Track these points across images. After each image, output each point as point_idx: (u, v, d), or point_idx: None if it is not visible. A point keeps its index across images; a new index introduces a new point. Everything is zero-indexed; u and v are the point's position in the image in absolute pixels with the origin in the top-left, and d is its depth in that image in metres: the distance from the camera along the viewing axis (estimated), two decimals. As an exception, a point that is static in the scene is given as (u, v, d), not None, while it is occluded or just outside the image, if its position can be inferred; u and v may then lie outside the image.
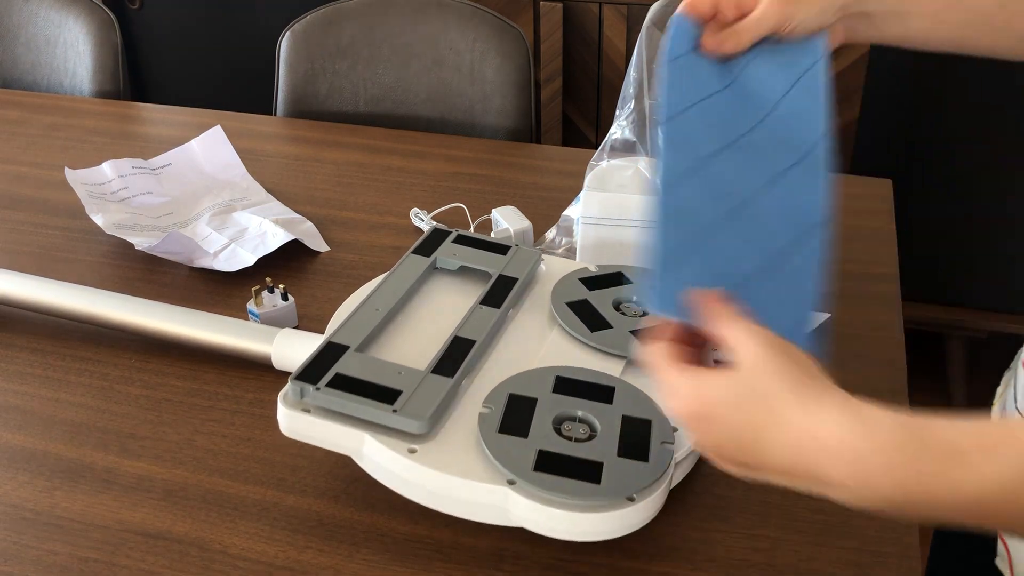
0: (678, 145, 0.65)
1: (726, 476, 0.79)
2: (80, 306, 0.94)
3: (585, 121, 2.21)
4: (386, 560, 0.72)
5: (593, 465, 0.70)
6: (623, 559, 0.72)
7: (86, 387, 0.90)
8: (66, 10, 1.61)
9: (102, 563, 0.73)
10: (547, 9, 2.07)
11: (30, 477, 0.81)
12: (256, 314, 0.95)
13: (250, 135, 1.36)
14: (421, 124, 1.52)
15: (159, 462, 0.82)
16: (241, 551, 0.73)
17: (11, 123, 1.44)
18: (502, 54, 1.47)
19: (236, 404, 0.88)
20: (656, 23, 1.16)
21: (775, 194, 0.64)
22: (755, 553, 0.73)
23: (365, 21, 1.52)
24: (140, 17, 2.54)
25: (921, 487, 0.49)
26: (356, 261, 1.08)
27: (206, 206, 1.17)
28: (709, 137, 0.66)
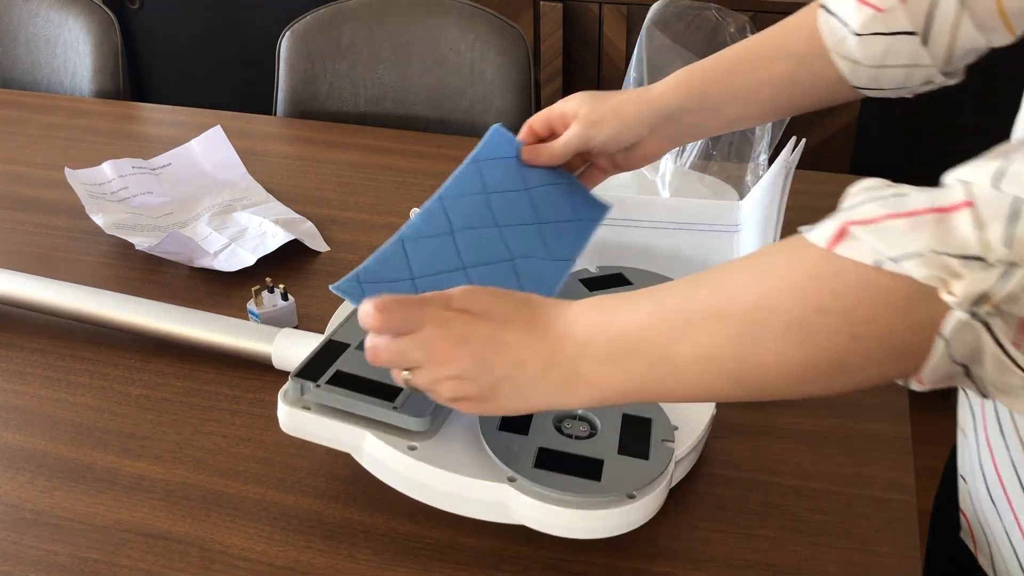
0: (433, 217, 0.80)
1: (726, 477, 0.79)
2: (80, 306, 0.94)
3: (585, 121, 2.21)
4: (386, 560, 0.72)
5: (594, 462, 0.70)
6: (623, 559, 0.72)
7: (86, 387, 0.91)
8: (66, 10, 1.61)
9: (102, 563, 0.73)
10: (547, 9, 2.07)
11: (30, 477, 0.81)
12: (256, 314, 0.95)
13: (250, 135, 1.36)
14: (421, 124, 1.52)
15: (159, 462, 0.82)
16: (241, 551, 0.73)
17: (11, 123, 1.44)
18: (502, 54, 1.47)
19: (236, 404, 0.88)
20: (656, 23, 1.16)
21: (502, 267, 0.77)
22: (755, 553, 0.73)
23: (365, 21, 1.53)
24: (140, 17, 2.54)
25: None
26: (356, 261, 1.07)
27: (206, 206, 1.17)
28: (468, 217, 0.80)
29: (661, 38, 1.16)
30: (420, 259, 0.76)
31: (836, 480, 0.79)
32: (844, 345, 0.50)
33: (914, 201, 0.47)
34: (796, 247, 0.51)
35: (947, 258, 0.45)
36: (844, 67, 0.77)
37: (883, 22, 0.74)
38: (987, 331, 0.46)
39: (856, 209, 0.49)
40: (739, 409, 0.85)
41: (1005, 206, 0.44)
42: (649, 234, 1.02)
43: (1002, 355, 0.46)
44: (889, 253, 0.47)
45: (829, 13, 0.77)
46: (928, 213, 0.46)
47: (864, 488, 0.78)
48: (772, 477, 0.79)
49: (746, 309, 0.52)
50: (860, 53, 0.76)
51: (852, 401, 0.86)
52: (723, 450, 0.82)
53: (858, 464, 0.80)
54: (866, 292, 0.48)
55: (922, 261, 0.46)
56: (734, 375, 0.54)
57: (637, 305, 0.57)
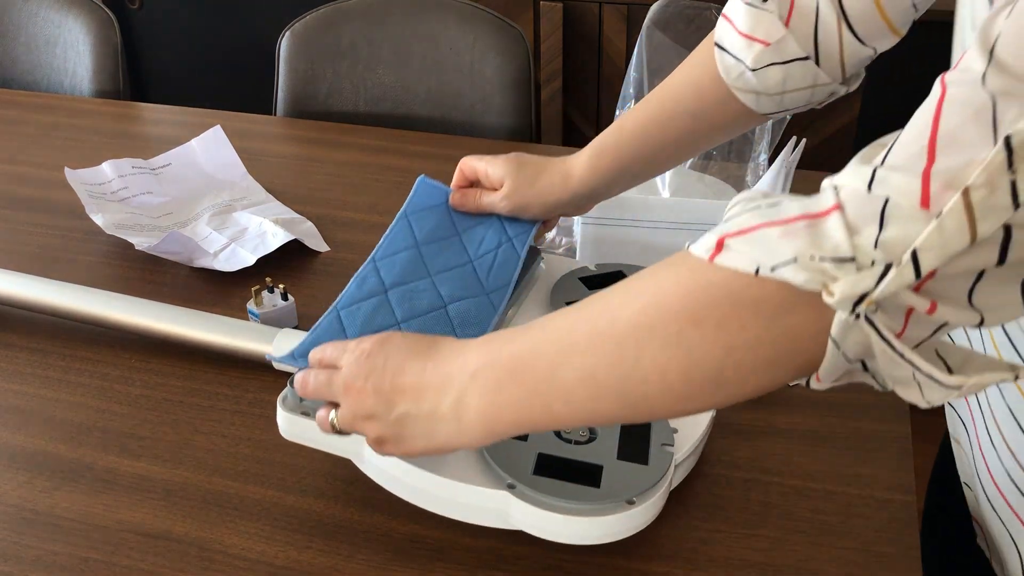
0: (366, 280, 0.84)
1: (726, 477, 0.79)
2: (80, 306, 0.93)
3: (585, 121, 2.21)
4: (386, 560, 0.72)
5: (593, 468, 0.70)
6: (623, 559, 0.72)
7: (86, 387, 0.90)
8: (66, 10, 1.61)
9: (102, 563, 0.73)
10: (547, 9, 2.07)
11: (30, 477, 0.81)
12: (256, 314, 0.95)
13: (250, 135, 1.36)
14: (421, 124, 1.52)
15: (159, 462, 0.82)
16: (241, 551, 0.73)
17: (11, 123, 1.43)
18: (502, 54, 1.47)
19: (236, 404, 0.88)
20: (656, 23, 1.16)
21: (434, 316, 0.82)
22: (755, 553, 0.73)
23: (365, 21, 1.52)
24: (140, 17, 2.54)
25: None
26: (356, 261, 1.08)
27: (206, 206, 1.17)
28: (400, 273, 0.85)
29: (661, 38, 1.16)
30: (354, 324, 0.79)
31: (836, 480, 0.79)
32: (719, 357, 0.50)
33: (787, 209, 0.48)
34: (678, 262, 0.52)
35: (821, 262, 0.46)
36: (748, 100, 0.79)
37: (774, 53, 0.76)
38: (872, 328, 0.46)
39: (732, 221, 0.50)
40: (739, 409, 0.85)
41: (876, 209, 0.44)
42: (649, 234, 1.02)
43: (889, 350, 0.47)
44: (766, 261, 0.47)
45: (723, 51, 0.79)
46: (800, 220, 0.47)
47: (864, 488, 0.78)
48: (772, 477, 0.79)
49: (627, 327, 0.52)
50: (760, 85, 0.78)
51: (852, 401, 0.86)
52: (723, 450, 0.82)
53: (858, 464, 0.80)
54: (738, 301, 0.49)
55: (797, 266, 0.46)
56: (619, 394, 0.54)
57: (526, 335, 0.58)
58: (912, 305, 0.45)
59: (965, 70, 0.42)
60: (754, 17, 0.76)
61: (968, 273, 0.44)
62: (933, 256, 0.43)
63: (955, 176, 0.41)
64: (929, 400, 0.49)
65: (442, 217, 0.91)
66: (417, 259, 0.87)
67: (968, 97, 0.42)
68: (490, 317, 0.82)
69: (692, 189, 1.11)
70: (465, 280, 0.85)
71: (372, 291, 0.83)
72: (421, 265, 0.86)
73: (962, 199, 0.41)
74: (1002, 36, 0.41)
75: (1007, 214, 0.41)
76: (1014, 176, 0.40)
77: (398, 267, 0.85)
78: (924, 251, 0.43)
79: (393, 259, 0.86)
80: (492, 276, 0.86)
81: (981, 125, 0.41)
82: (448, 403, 0.59)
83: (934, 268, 0.43)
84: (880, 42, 0.75)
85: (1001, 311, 0.45)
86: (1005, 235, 0.42)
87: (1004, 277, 0.44)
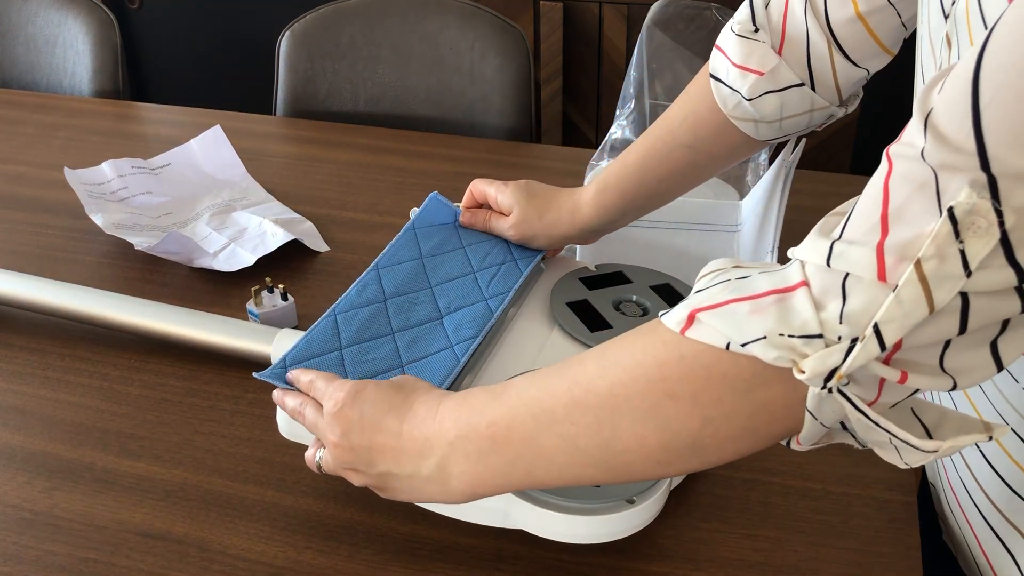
0: (367, 287, 0.84)
1: (726, 477, 0.79)
2: (80, 306, 0.93)
3: (585, 121, 2.21)
4: (386, 560, 0.72)
5: None
6: (623, 559, 0.72)
7: (86, 387, 0.90)
8: (66, 10, 1.61)
9: (102, 563, 0.73)
10: (547, 9, 2.07)
11: (30, 477, 0.81)
12: (256, 314, 0.95)
13: (250, 135, 1.36)
14: (421, 124, 1.52)
15: (159, 462, 0.82)
16: (241, 551, 0.73)
17: (10, 123, 1.43)
18: (502, 54, 1.47)
19: (236, 404, 0.88)
20: (656, 23, 1.16)
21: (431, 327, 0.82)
22: (755, 553, 0.73)
23: (365, 21, 1.52)
24: (140, 17, 2.54)
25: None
26: (356, 261, 1.08)
27: (206, 206, 1.17)
28: (401, 284, 0.85)
29: (661, 38, 1.16)
30: (350, 329, 0.79)
31: (836, 480, 0.79)
32: (695, 428, 0.51)
33: (756, 284, 0.49)
34: (650, 332, 0.53)
35: (791, 339, 0.47)
36: (747, 128, 0.80)
37: (769, 82, 0.77)
38: (845, 399, 0.47)
39: (703, 293, 0.51)
40: (739, 409, 0.85)
41: (837, 283, 0.45)
42: (649, 234, 1.02)
43: (863, 418, 0.48)
44: (736, 337, 0.48)
45: (719, 82, 0.80)
46: (769, 295, 0.48)
47: (864, 488, 0.78)
48: (772, 477, 0.79)
49: (603, 397, 0.54)
50: (758, 113, 0.79)
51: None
52: (723, 450, 0.81)
53: (858, 464, 0.80)
54: (711, 375, 0.50)
55: (767, 343, 0.47)
56: (599, 461, 0.55)
57: (502, 401, 0.59)
58: (883, 376, 0.46)
59: (908, 144, 0.44)
60: (746, 47, 0.77)
61: (936, 343, 0.44)
62: (895, 328, 0.43)
63: (907, 249, 0.42)
64: (908, 462, 0.50)
65: (449, 233, 0.93)
66: (419, 271, 0.87)
67: (912, 171, 0.43)
68: (486, 319, 0.82)
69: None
70: (465, 289, 0.86)
71: (371, 299, 0.83)
72: (423, 277, 0.87)
73: (915, 271, 0.42)
74: (936, 109, 0.41)
75: (960, 282, 0.41)
76: (962, 245, 0.41)
77: (400, 277, 0.86)
78: (885, 323, 0.44)
79: (396, 269, 0.87)
80: (492, 285, 0.86)
81: (926, 198, 0.42)
82: (430, 467, 0.60)
83: (898, 339, 0.44)
84: (872, 63, 0.76)
85: (972, 374, 0.46)
86: (963, 303, 0.42)
87: (971, 343, 0.45)
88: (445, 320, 0.82)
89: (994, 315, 0.43)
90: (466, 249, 0.91)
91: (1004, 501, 0.66)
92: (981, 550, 0.70)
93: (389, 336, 0.79)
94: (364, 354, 0.77)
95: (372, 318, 0.81)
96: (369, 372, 0.75)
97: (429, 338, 0.80)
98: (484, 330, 0.81)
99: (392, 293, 0.84)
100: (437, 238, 0.92)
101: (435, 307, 0.83)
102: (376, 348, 0.78)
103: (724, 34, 0.80)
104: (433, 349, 0.78)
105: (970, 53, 0.40)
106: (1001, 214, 0.40)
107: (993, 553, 0.69)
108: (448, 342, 0.79)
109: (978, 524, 0.70)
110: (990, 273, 0.41)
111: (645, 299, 0.88)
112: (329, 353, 0.76)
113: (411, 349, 0.78)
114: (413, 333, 0.80)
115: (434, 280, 0.87)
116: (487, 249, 0.91)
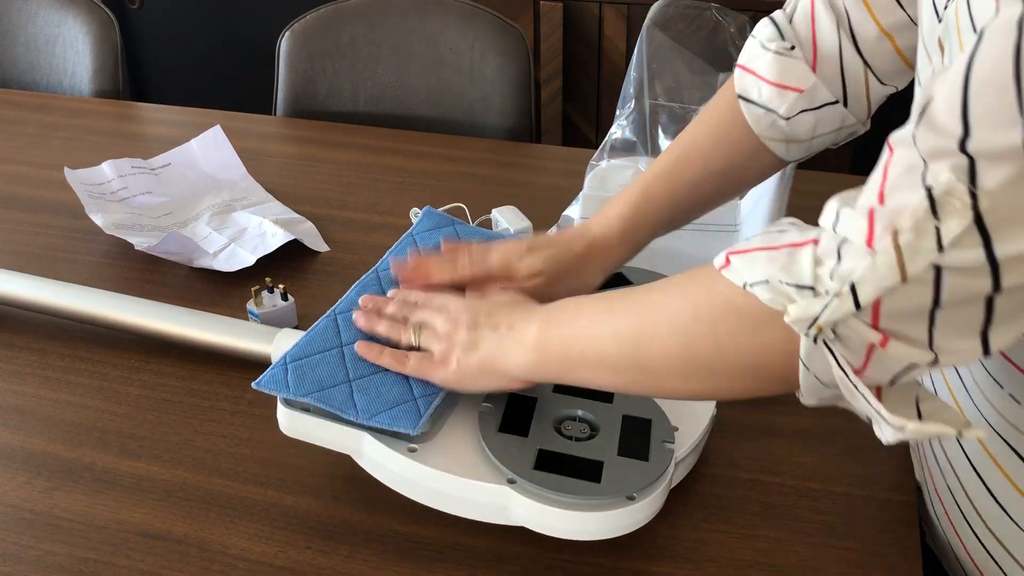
0: (367, 289, 0.84)
1: (727, 477, 0.79)
2: (80, 306, 0.93)
3: (585, 121, 2.21)
4: (386, 560, 0.72)
5: (593, 464, 0.70)
6: (623, 559, 0.72)
7: (86, 387, 0.90)
8: (66, 10, 1.61)
9: (102, 563, 0.73)
10: (547, 9, 2.07)
11: (30, 477, 0.81)
12: (256, 314, 0.95)
13: (250, 135, 1.36)
14: (421, 124, 1.51)
15: (159, 462, 0.82)
16: (241, 551, 0.73)
17: (10, 123, 1.43)
18: (502, 54, 1.47)
19: (235, 404, 0.88)
20: (656, 23, 1.16)
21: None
22: (755, 553, 0.73)
23: (365, 21, 1.52)
24: (140, 17, 2.54)
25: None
26: (356, 261, 1.08)
27: (206, 206, 1.17)
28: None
29: (661, 38, 1.15)
30: (350, 328, 0.79)
31: (837, 480, 0.79)
32: (712, 351, 0.59)
33: (783, 237, 0.55)
34: (703, 269, 0.60)
35: (785, 286, 0.53)
36: (778, 148, 0.80)
37: (807, 100, 0.76)
38: (831, 355, 0.52)
39: (744, 241, 0.58)
40: (740, 409, 0.85)
41: (835, 245, 0.51)
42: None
43: (846, 380, 0.52)
44: (748, 279, 0.55)
45: (751, 103, 0.78)
46: (784, 248, 0.54)
47: (865, 488, 0.78)
48: (773, 477, 0.79)
49: (653, 309, 0.63)
50: (792, 133, 0.78)
51: (852, 401, 0.86)
52: (723, 450, 0.81)
53: (859, 464, 0.80)
54: (727, 308, 0.57)
55: (767, 287, 0.54)
56: (635, 360, 0.63)
57: (588, 298, 0.69)
58: (867, 339, 0.50)
59: (906, 132, 0.48)
60: (783, 65, 0.76)
61: (917, 312, 0.48)
62: (869, 289, 0.48)
63: (891, 221, 0.47)
64: (883, 438, 0.53)
65: (449, 235, 0.93)
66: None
67: (906, 156, 0.48)
68: None
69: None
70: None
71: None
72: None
73: (892, 240, 0.47)
74: (933, 101, 0.46)
75: (932, 255, 0.46)
76: (938, 223, 0.45)
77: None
78: (860, 284, 0.49)
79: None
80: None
81: (914, 179, 0.47)
82: (519, 328, 0.70)
83: (874, 300, 0.48)
84: (899, 80, 0.76)
85: (956, 355, 0.50)
86: (936, 275, 0.47)
87: (960, 328, 0.48)
88: None
89: (968, 292, 0.47)
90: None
91: (987, 507, 0.66)
92: (967, 554, 0.70)
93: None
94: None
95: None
96: (370, 369, 0.75)
97: None
98: None
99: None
100: (437, 239, 0.92)
101: None
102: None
103: (752, 52, 0.78)
104: None
105: (964, 53, 0.45)
106: (976, 197, 0.44)
107: (976, 553, 0.69)
108: None
109: (963, 529, 0.70)
110: (963, 251, 0.45)
111: (645, 299, 0.88)
112: (330, 350, 0.76)
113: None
114: None
115: None
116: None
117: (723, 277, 0.57)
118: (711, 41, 1.15)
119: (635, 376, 0.64)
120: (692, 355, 0.60)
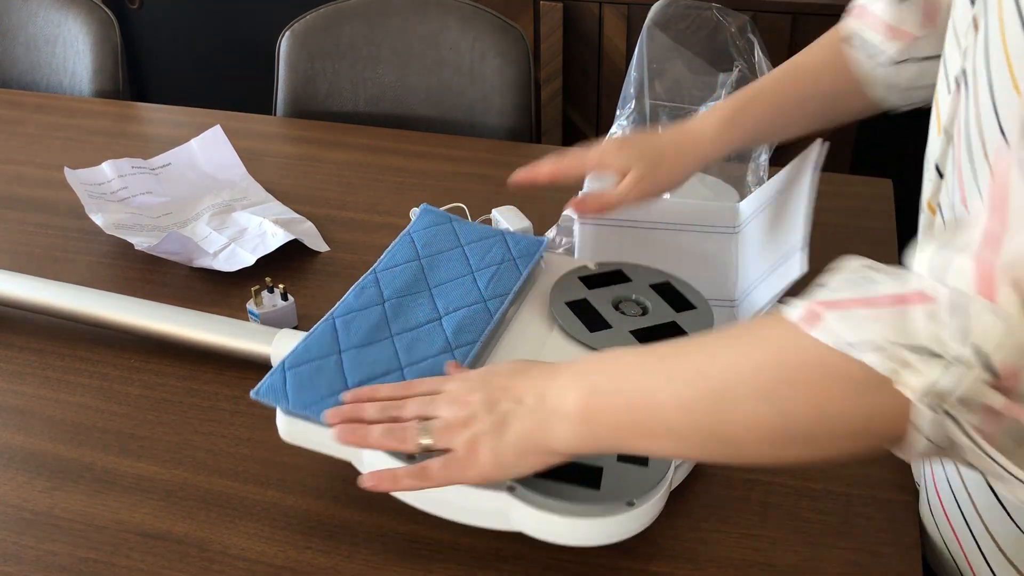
0: (365, 291, 0.84)
1: (726, 477, 0.79)
2: (80, 306, 0.93)
3: (585, 121, 2.21)
4: (386, 560, 0.72)
5: (592, 470, 0.70)
6: (623, 559, 0.72)
7: (86, 387, 0.90)
8: (66, 10, 1.61)
9: (102, 563, 0.73)
10: (547, 9, 2.07)
11: (30, 477, 0.81)
12: (256, 314, 0.95)
13: (250, 135, 1.36)
14: (421, 124, 1.52)
15: (159, 462, 0.82)
16: (241, 551, 0.73)
17: (10, 123, 1.43)
18: (502, 54, 1.47)
19: (235, 404, 0.88)
20: (657, 23, 1.16)
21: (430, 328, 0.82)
22: (755, 553, 0.73)
23: (365, 21, 1.52)
24: (140, 17, 2.54)
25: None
26: (356, 261, 1.08)
27: (206, 206, 1.17)
28: (399, 286, 0.86)
29: (662, 38, 1.15)
30: (348, 333, 0.79)
31: (837, 480, 0.79)
32: (811, 417, 0.52)
33: (879, 287, 0.50)
34: (775, 322, 0.54)
35: (900, 349, 0.47)
36: (878, 93, 0.81)
37: (915, 48, 0.78)
38: (954, 424, 0.47)
39: (827, 289, 0.53)
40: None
41: (950, 300, 0.46)
42: (649, 235, 1.02)
43: (973, 446, 0.48)
44: (849, 339, 0.49)
45: (860, 44, 0.80)
46: (887, 302, 0.49)
47: (865, 488, 0.78)
48: (772, 477, 0.79)
49: (726, 371, 0.55)
50: (895, 79, 0.79)
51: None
52: (723, 450, 0.81)
53: (859, 464, 0.80)
54: (827, 372, 0.51)
55: (878, 350, 0.48)
56: (710, 429, 0.56)
57: (627, 356, 0.61)
58: (1000, 407, 0.45)
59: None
60: (899, 11, 0.78)
61: None
62: (1007, 355, 0.43)
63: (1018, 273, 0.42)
64: (1014, 497, 0.49)
65: (447, 232, 0.93)
66: (418, 272, 0.87)
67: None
68: (486, 323, 0.82)
69: (692, 190, 1.11)
70: (464, 289, 0.85)
71: (369, 302, 0.83)
72: (421, 278, 0.87)
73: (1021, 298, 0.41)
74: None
75: None
76: None
77: (398, 280, 0.86)
78: (997, 350, 0.43)
79: (394, 271, 0.87)
80: (492, 286, 0.86)
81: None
82: (551, 399, 0.62)
83: (1012, 367, 0.43)
84: None
85: None
86: None
87: None
88: (444, 321, 0.82)
89: None
90: (464, 248, 0.91)
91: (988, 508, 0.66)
92: (964, 557, 0.70)
93: (388, 339, 0.79)
94: (363, 357, 0.77)
95: (371, 321, 0.81)
96: (368, 375, 0.75)
97: (428, 340, 0.80)
98: (483, 335, 0.81)
99: (390, 295, 0.84)
100: (434, 237, 0.92)
101: (434, 308, 0.83)
102: (375, 351, 0.78)
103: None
104: (433, 351, 0.78)
105: None
106: None
107: (972, 552, 0.68)
108: (448, 344, 0.79)
109: (962, 530, 0.70)
110: None
111: (645, 298, 0.88)
112: (328, 357, 0.76)
113: (410, 351, 0.78)
114: (412, 335, 0.80)
115: (432, 281, 0.87)
116: (486, 247, 0.91)
117: (808, 335, 0.51)
118: (711, 41, 1.15)
119: (708, 444, 0.57)
120: (787, 422, 0.53)
